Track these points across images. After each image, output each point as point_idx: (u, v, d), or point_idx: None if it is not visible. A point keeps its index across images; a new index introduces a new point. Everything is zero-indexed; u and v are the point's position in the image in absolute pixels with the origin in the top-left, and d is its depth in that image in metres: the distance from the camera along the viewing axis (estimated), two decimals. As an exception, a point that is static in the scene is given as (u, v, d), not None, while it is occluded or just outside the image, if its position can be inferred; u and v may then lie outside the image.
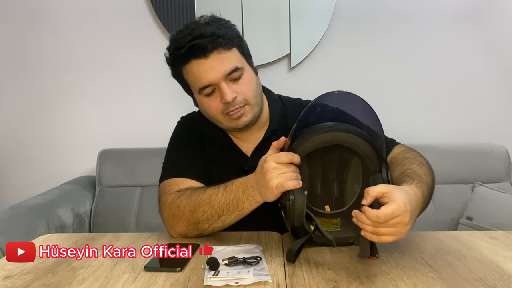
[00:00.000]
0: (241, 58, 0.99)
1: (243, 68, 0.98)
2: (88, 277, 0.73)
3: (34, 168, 1.95)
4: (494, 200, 1.56)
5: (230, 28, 0.99)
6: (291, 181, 0.76)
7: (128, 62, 1.90)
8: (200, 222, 0.89)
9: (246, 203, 0.85)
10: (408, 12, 1.87)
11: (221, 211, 0.87)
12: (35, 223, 1.38)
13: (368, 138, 0.79)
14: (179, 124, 1.16)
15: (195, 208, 0.88)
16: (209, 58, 0.94)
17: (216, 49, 0.94)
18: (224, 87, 0.95)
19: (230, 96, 0.94)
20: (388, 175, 0.79)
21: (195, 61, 0.94)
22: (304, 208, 0.77)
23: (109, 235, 0.97)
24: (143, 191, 1.74)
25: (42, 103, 1.92)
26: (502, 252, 0.82)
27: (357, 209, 0.72)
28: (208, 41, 0.93)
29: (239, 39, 1.01)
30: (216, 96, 0.97)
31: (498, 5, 1.87)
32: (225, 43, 0.94)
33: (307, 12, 1.84)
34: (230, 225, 0.90)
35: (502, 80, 1.90)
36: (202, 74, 0.94)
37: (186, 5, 1.82)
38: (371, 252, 0.74)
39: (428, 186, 0.82)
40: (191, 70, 0.96)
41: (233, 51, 0.97)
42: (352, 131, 0.78)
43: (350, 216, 0.73)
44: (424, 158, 0.94)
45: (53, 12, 1.88)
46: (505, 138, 1.84)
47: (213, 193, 0.88)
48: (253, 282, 0.68)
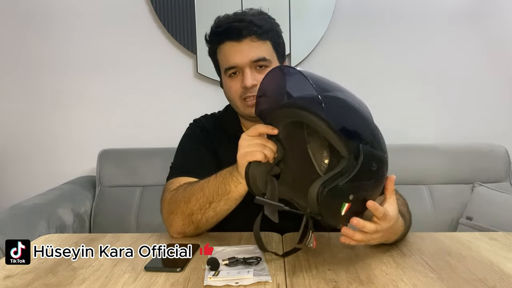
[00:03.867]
0: (272, 52, 1.04)
1: (270, 61, 1.03)
2: (88, 277, 0.73)
3: (34, 168, 1.95)
4: (494, 200, 1.56)
5: (270, 23, 1.04)
6: (257, 152, 0.77)
7: (128, 62, 1.90)
8: (193, 213, 0.89)
9: (232, 185, 0.85)
10: (408, 12, 1.87)
11: (211, 197, 0.87)
12: (35, 223, 1.38)
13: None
14: (191, 125, 1.18)
15: (189, 198, 0.90)
16: (242, 42, 1.00)
17: (250, 36, 1.00)
18: (247, 72, 1.00)
19: (250, 82, 1.00)
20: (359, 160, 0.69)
21: (229, 43, 1.01)
22: (257, 178, 0.77)
23: (109, 235, 0.97)
24: (143, 191, 1.74)
25: (43, 103, 1.92)
26: (502, 253, 0.82)
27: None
28: (244, 26, 0.99)
29: (277, 35, 1.06)
30: (238, 79, 1.03)
31: (498, 5, 1.87)
32: (259, 32, 1.00)
33: (307, 12, 1.84)
34: (223, 215, 0.90)
35: (502, 80, 1.90)
36: (232, 55, 1.01)
37: (186, 5, 1.82)
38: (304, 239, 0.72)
39: (407, 225, 0.86)
40: (223, 50, 1.03)
41: (266, 43, 1.02)
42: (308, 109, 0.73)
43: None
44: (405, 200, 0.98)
45: (53, 12, 1.88)
46: (505, 138, 1.84)
47: (205, 180, 0.90)
48: (253, 282, 0.68)
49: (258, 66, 1.01)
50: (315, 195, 0.67)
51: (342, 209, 0.68)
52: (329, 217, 0.69)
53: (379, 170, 0.71)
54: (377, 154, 0.71)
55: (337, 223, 0.72)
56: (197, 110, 1.26)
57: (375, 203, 0.71)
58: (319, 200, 0.67)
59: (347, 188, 0.68)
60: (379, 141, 0.74)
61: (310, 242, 0.71)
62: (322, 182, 0.67)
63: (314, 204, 0.68)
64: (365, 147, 0.69)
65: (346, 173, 0.68)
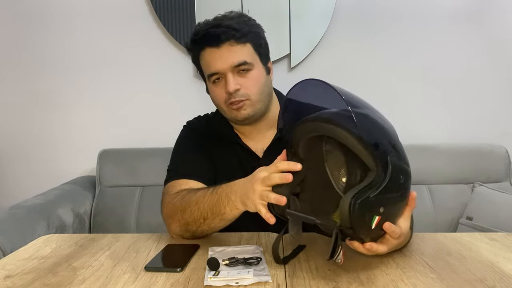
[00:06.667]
0: (254, 54, 1.03)
1: (253, 64, 1.01)
2: (88, 277, 0.73)
3: (34, 168, 1.94)
4: (494, 200, 1.56)
5: (248, 25, 1.03)
6: (273, 194, 0.73)
7: (128, 62, 1.90)
8: (189, 224, 0.89)
9: (227, 208, 0.83)
10: (408, 12, 1.87)
11: (205, 213, 0.86)
12: (35, 223, 1.38)
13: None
14: (185, 127, 1.18)
15: (185, 208, 0.89)
16: (221, 48, 0.99)
17: (228, 41, 0.99)
18: (229, 77, 0.99)
19: (232, 87, 0.99)
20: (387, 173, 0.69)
21: (208, 49, 1.01)
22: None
23: (109, 235, 0.97)
24: (143, 191, 1.74)
25: (42, 103, 1.92)
26: (502, 253, 0.82)
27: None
28: (222, 32, 0.98)
29: (257, 37, 1.04)
30: (222, 84, 1.02)
31: (498, 5, 1.86)
32: (238, 36, 0.99)
33: (307, 12, 1.84)
34: (218, 229, 0.89)
35: (502, 80, 1.90)
36: (212, 61, 1.00)
37: (186, 5, 1.82)
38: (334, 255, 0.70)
39: (411, 232, 0.86)
40: (204, 56, 1.02)
41: (246, 46, 1.01)
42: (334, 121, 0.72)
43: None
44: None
45: (53, 12, 1.88)
46: (505, 138, 1.84)
47: (202, 194, 0.88)
48: (253, 282, 0.68)
49: (241, 70, 1.00)
50: (347, 207, 0.65)
51: (373, 222, 0.67)
52: (360, 230, 0.68)
53: (405, 183, 0.71)
54: (404, 167, 0.72)
55: (367, 236, 0.71)
56: (197, 110, 1.26)
57: (391, 225, 0.70)
58: (351, 212, 0.65)
59: (377, 201, 0.67)
60: (404, 155, 0.74)
61: (338, 257, 0.69)
62: (354, 194, 0.66)
63: (346, 216, 0.66)
64: (393, 159, 0.69)
65: (375, 185, 0.67)
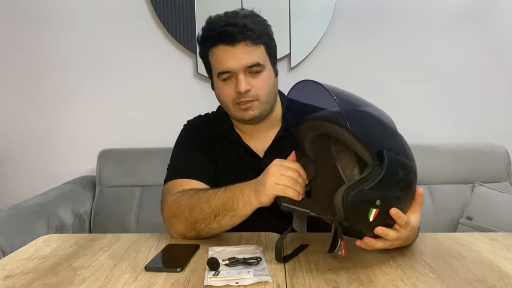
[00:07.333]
0: (266, 56, 1.03)
1: (264, 66, 1.02)
2: (88, 277, 0.73)
3: (34, 168, 1.94)
4: (494, 200, 1.56)
5: (263, 26, 1.03)
6: (289, 188, 0.77)
7: (128, 62, 1.90)
8: (197, 222, 0.89)
9: (240, 203, 0.85)
10: (408, 12, 1.87)
11: (217, 210, 0.87)
12: (35, 223, 1.38)
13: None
14: (185, 126, 1.17)
15: (195, 206, 0.89)
16: (236, 47, 0.98)
17: (244, 41, 0.98)
18: (241, 77, 0.99)
19: (244, 87, 0.98)
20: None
21: (222, 46, 0.99)
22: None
23: (109, 235, 0.97)
24: (143, 191, 1.74)
25: (42, 103, 1.92)
26: (501, 253, 0.82)
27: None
28: (238, 31, 0.97)
29: (269, 39, 1.05)
30: (232, 83, 1.01)
31: (497, 5, 1.87)
32: (254, 37, 0.99)
33: (307, 12, 1.84)
34: (226, 228, 0.90)
35: (502, 80, 1.90)
36: (225, 60, 0.99)
37: (186, 5, 1.82)
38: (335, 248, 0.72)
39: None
40: (217, 53, 1.00)
41: (259, 48, 1.01)
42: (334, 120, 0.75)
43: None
44: None
45: (52, 12, 1.88)
46: (505, 138, 1.84)
47: (213, 192, 0.89)
48: (253, 282, 0.68)
49: (253, 71, 1.00)
50: (340, 200, 0.67)
51: (370, 215, 0.68)
52: (356, 223, 0.69)
53: (406, 177, 0.72)
54: (403, 161, 0.72)
55: (366, 229, 0.72)
56: (197, 110, 1.26)
57: (398, 211, 0.71)
58: (344, 205, 0.67)
59: (373, 193, 0.68)
60: (404, 150, 0.75)
61: (339, 250, 0.71)
62: (347, 187, 0.67)
63: (340, 209, 0.68)
64: (389, 153, 0.70)
65: (371, 179, 0.68)
